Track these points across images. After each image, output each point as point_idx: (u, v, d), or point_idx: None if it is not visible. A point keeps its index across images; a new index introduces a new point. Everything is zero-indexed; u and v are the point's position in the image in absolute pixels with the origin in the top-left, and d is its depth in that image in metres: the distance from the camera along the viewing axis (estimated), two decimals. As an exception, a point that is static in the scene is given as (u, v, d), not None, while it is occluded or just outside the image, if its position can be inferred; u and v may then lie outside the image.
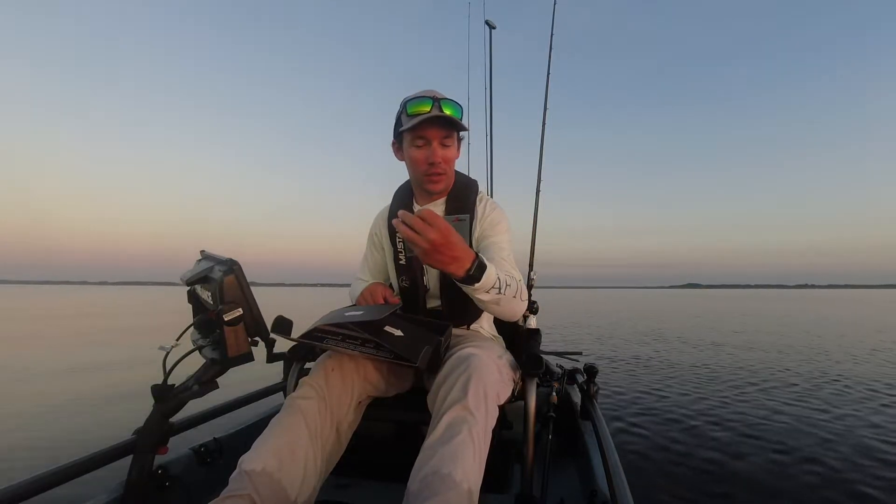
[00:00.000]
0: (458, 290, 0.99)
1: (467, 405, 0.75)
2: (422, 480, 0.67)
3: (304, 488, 0.76)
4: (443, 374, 0.84)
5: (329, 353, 0.95)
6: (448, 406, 0.77)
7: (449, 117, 1.00)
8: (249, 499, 0.68)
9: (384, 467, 1.16)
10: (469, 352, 0.86)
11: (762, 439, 2.41)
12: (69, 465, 0.80)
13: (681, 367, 4.62)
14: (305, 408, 0.82)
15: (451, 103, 1.02)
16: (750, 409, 3.02)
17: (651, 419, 2.78)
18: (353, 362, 0.93)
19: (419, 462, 0.71)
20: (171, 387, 0.83)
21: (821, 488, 1.84)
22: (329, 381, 0.88)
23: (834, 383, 3.84)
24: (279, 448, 0.76)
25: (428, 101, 1.00)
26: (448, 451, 0.69)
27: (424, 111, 0.99)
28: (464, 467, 0.68)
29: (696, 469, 2.04)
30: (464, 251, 0.77)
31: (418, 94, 1.02)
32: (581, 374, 1.52)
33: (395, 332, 0.87)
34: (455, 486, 0.65)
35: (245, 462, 0.73)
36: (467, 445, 0.71)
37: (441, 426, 0.74)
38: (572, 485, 1.20)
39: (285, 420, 0.81)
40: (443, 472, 0.66)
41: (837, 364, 4.83)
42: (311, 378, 0.89)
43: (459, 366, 0.83)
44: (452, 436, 0.71)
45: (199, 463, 1.07)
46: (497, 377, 0.86)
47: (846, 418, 2.79)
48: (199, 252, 0.93)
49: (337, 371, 0.90)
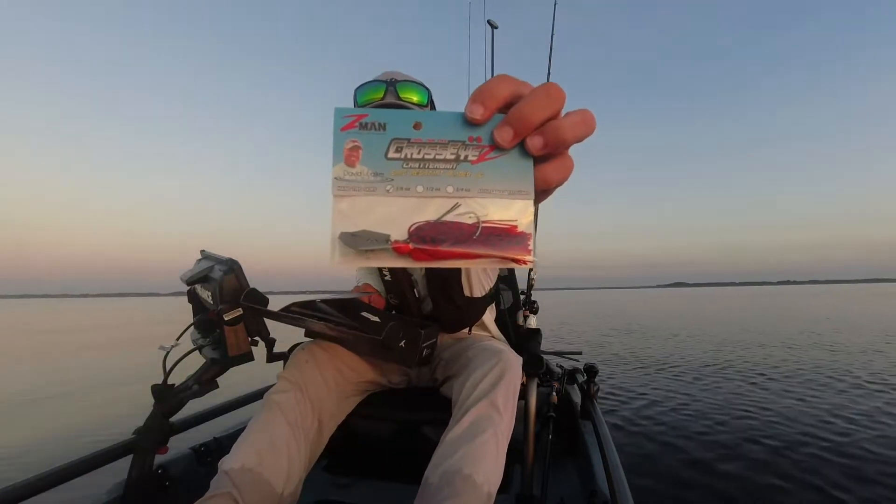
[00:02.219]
0: (450, 295, 0.96)
1: (496, 403, 0.74)
2: (442, 476, 0.66)
3: (290, 480, 0.75)
4: (472, 363, 0.82)
5: (301, 346, 0.95)
6: (476, 399, 0.75)
7: (403, 103, 0.85)
8: (230, 497, 0.66)
9: (384, 467, 1.16)
10: (500, 347, 0.85)
11: (763, 439, 2.41)
12: (69, 465, 0.80)
13: (681, 367, 4.62)
14: (282, 401, 0.81)
15: (410, 85, 0.86)
16: (751, 409, 3.02)
17: (651, 419, 2.78)
18: (326, 353, 0.92)
19: (440, 454, 0.70)
20: (171, 387, 0.83)
21: (821, 488, 1.84)
22: (304, 373, 0.87)
23: (846, 381, 3.81)
24: (257, 444, 0.74)
25: (380, 87, 0.85)
26: (471, 450, 0.68)
27: (376, 99, 0.85)
28: (485, 470, 0.67)
29: (697, 469, 2.04)
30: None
31: (371, 80, 0.87)
32: (581, 373, 1.52)
33: (371, 317, 0.85)
34: (476, 489, 0.65)
35: (224, 463, 0.71)
36: (490, 446, 0.70)
37: (466, 421, 0.72)
38: (572, 485, 1.20)
39: (262, 417, 0.79)
40: (465, 473, 0.65)
41: (847, 362, 4.82)
42: (286, 372, 0.88)
43: (492, 358, 0.81)
44: (477, 434, 0.70)
45: (199, 463, 1.07)
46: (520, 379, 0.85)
47: (859, 421, 2.77)
48: (199, 252, 0.93)
49: (311, 362, 0.89)
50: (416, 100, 0.87)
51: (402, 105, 0.85)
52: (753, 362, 4.87)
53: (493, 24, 2.23)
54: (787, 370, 4.43)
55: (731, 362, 4.90)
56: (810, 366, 4.59)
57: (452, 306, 0.99)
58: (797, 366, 4.62)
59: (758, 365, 4.72)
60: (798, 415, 2.86)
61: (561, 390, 1.49)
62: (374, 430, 1.05)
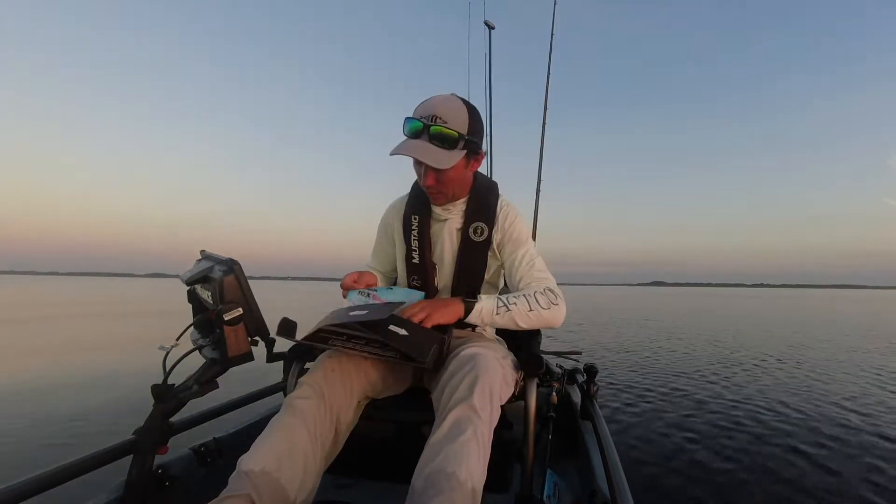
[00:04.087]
0: (468, 290, 0.97)
1: (473, 405, 0.75)
2: (426, 478, 0.67)
3: (304, 488, 0.76)
4: (449, 372, 0.84)
5: (329, 352, 0.94)
6: (454, 404, 0.76)
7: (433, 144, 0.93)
8: (248, 499, 0.68)
9: (384, 467, 1.16)
10: (475, 351, 0.86)
11: (763, 440, 2.41)
12: (69, 464, 0.80)
13: (681, 367, 4.62)
14: (304, 407, 0.82)
15: (444, 132, 0.93)
16: (751, 409, 3.02)
17: (651, 419, 2.78)
18: (353, 362, 0.93)
19: (424, 459, 0.71)
20: (171, 387, 0.83)
21: (823, 489, 1.84)
22: (328, 381, 0.88)
23: (852, 384, 3.81)
24: (278, 448, 0.75)
25: (419, 125, 0.94)
26: (453, 449, 0.69)
27: (413, 136, 0.95)
28: (468, 467, 0.68)
29: (697, 469, 2.04)
30: (448, 304, 0.93)
31: (418, 114, 0.96)
32: (581, 374, 1.52)
33: (399, 331, 0.86)
34: (460, 485, 0.66)
35: (244, 462, 0.73)
36: (472, 445, 0.71)
37: (446, 424, 0.74)
38: (572, 485, 1.19)
39: (284, 420, 0.80)
40: (448, 471, 0.67)
41: (854, 364, 4.83)
42: (309, 377, 0.88)
43: (465, 365, 0.83)
44: (457, 434, 0.72)
45: (199, 463, 1.07)
46: (501, 378, 0.86)
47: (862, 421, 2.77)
48: (199, 252, 0.94)
49: (337, 371, 0.90)
50: (443, 144, 0.95)
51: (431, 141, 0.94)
52: (767, 363, 4.87)
53: (490, 24, 2.27)
54: (795, 374, 4.43)
55: (735, 364, 4.90)
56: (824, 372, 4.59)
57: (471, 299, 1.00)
58: (812, 370, 4.62)
59: (766, 368, 4.72)
60: (806, 419, 2.86)
61: (561, 390, 1.49)
62: (374, 430, 1.05)
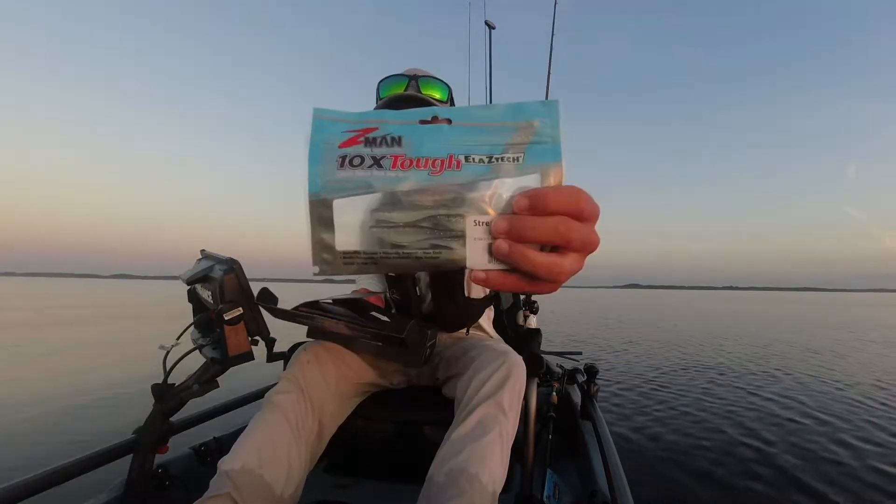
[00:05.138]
0: (452, 295, 0.95)
1: (502, 403, 0.74)
2: (448, 474, 0.66)
3: (289, 482, 0.74)
4: (479, 362, 0.82)
5: (304, 346, 0.94)
6: (482, 399, 0.75)
7: (425, 98, 0.86)
8: (229, 497, 0.66)
9: (384, 467, 1.16)
10: (506, 348, 0.85)
11: (763, 440, 2.41)
12: (69, 464, 0.80)
13: (681, 367, 4.62)
14: (284, 402, 0.81)
15: (432, 81, 0.87)
16: (751, 409, 3.02)
17: (651, 419, 2.77)
18: (329, 352, 0.92)
19: (445, 452, 0.70)
20: (171, 386, 0.83)
21: (823, 489, 1.84)
22: (306, 373, 0.86)
23: (849, 389, 3.80)
24: (258, 445, 0.74)
25: (402, 81, 0.86)
26: (478, 449, 0.68)
27: (397, 93, 0.87)
28: (491, 469, 0.67)
29: (697, 469, 2.03)
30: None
31: (394, 73, 0.89)
32: (581, 374, 1.52)
33: (381, 317, 0.85)
34: (482, 488, 0.65)
35: (223, 463, 0.71)
36: (496, 447, 0.70)
37: (472, 420, 0.72)
38: (572, 485, 1.19)
39: (264, 417, 0.79)
40: (471, 472, 0.65)
41: (852, 368, 4.82)
42: (287, 372, 0.87)
43: (498, 358, 0.81)
44: (483, 433, 0.70)
45: (200, 462, 1.07)
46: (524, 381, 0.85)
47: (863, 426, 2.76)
48: (200, 252, 0.93)
49: (313, 363, 0.89)
50: (438, 96, 0.89)
51: (422, 100, 0.86)
52: (767, 364, 4.87)
53: (491, 24, 2.27)
54: (795, 375, 4.43)
55: (736, 364, 4.90)
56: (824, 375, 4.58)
57: (453, 306, 0.99)
58: (813, 372, 4.61)
59: (766, 370, 4.72)
60: (807, 420, 2.86)
61: (561, 390, 1.49)
62: (374, 430, 1.05)
